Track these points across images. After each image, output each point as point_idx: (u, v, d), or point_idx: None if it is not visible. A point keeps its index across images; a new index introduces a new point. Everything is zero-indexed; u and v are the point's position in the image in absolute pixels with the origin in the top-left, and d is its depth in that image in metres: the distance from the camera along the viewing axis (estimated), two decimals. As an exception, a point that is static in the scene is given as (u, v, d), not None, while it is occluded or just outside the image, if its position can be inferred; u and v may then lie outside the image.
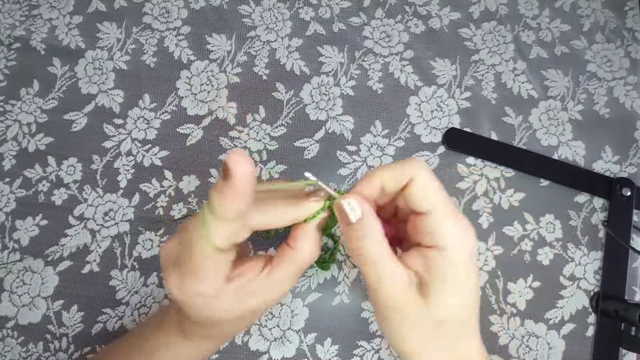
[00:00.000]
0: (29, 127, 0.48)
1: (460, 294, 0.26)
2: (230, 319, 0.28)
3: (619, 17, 0.53)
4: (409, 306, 0.26)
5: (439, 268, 0.26)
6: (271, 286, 0.28)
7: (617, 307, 0.42)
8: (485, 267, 0.45)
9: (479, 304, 0.28)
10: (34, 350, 0.43)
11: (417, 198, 0.26)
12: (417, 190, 0.26)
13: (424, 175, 0.26)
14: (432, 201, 0.26)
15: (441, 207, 0.26)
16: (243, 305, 0.27)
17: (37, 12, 0.51)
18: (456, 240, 0.26)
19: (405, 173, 0.26)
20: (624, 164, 0.48)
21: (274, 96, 0.49)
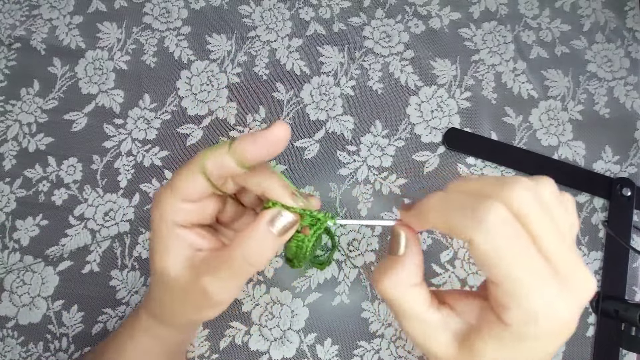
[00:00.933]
0: (29, 127, 0.48)
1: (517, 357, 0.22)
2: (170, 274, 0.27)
3: (619, 17, 0.53)
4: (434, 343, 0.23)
5: (493, 333, 0.21)
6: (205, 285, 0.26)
7: (617, 307, 0.42)
8: (486, 267, 0.45)
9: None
10: (34, 350, 0.43)
11: (478, 264, 0.21)
12: (477, 257, 0.20)
13: (487, 241, 0.20)
14: (496, 274, 0.20)
15: (512, 280, 0.20)
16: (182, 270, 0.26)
17: (37, 12, 0.51)
18: (529, 321, 0.20)
19: (461, 231, 0.20)
20: (624, 164, 0.48)
21: (274, 96, 0.49)
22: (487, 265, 0.20)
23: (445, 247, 0.45)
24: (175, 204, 0.26)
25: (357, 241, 0.45)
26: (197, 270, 0.26)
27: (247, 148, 0.24)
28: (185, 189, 0.26)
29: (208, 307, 0.27)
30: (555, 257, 0.20)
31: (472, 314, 0.23)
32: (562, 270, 0.20)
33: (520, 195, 0.20)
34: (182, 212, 0.26)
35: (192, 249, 0.27)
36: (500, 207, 0.20)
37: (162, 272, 0.27)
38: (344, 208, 0.46)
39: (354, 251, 0.45)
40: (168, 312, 0.30)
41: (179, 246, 0.27)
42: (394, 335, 0.43)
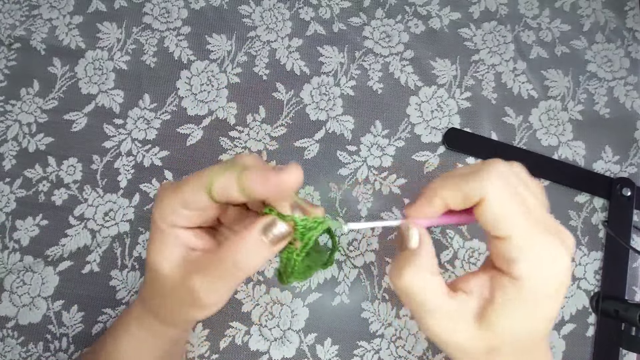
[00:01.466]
0: (29, 127, 0.48)
1: (524, 323, 0.24)
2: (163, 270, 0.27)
3: (619, 17, 0.53)
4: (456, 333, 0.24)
5: (506, 297, 0.23)
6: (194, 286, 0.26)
7: (617, 307, 0.42)
8: (486, 267, 0.45)
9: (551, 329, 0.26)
10: (34, 350, 0.43)
11: (490, 222, 0.23)
12: (489, 213, 0.23)
13: (499, 196, 0.23)
14: (508, 228, 0.23)
15: (520, 233, 0.23)
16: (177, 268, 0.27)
17: (37, 12, 0.51)
18: (537, 271, 0.23)
19: (473, 192, 0.23)
20: (624, 164, 0.48)
21: (274, 96, 0.49)
22: (498, 219, 0.23)
23: (445, 247, 0.45)
24: (176, 208, 0.26)
25: (357, 241, 0.45)
26: (188, 269, 0.27)
27: (256, 187, 0.24)
28: (189, 200, 0.26)
29: (196, 307, 0.27)
30: (543, 217, 0.24)
31: (485, 289, 0.24)
32: (552, 228, 0.24)
33: (506, 169, 0.24)
34: (183, 216, 0.27)
35: (186, 248, 0.27)
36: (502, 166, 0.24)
37: (155, 268, 0.27)
38: (344, 208, 0.46)
39: (354, 251, 0.45)
40: (159, 308, 0.30)
41: (174, 244, 0.27)
42: (394, 335, 0.43)
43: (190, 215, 0.27)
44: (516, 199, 0.23)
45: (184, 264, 0.27)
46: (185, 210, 0.26)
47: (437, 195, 0.24)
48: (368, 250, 0.45)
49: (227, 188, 0.25)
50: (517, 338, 0.24)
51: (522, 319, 0.23)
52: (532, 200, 0.24)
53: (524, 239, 0.23)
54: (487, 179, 0.23)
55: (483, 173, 0.23)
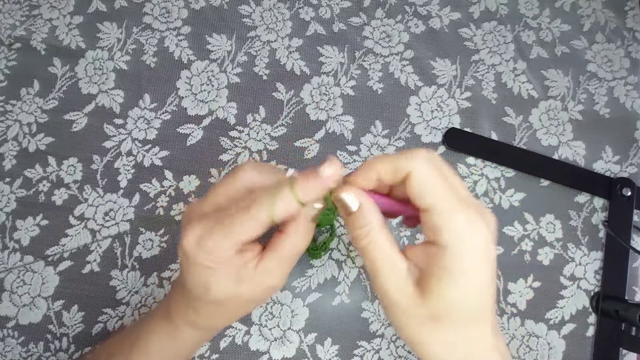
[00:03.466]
0: (30, 127, 0.48)
1: (462, 291, 0.25)
2: (219, 299, 0.28)
3: (619, 17, 0.53)
4: (404, 298, 0.26)
5: (437, 265, 0.25)
6: (261, 274, 0.28)
7: (617, 307, 0.42)
8: (486, 267, 0.45)
9: (493, 299, 0.27)
10: (34, 350, 0.43)
11: (416, 194, 0.25)
12: (415, 185, 0.25)
13: (424, 170, 0.25)
14: (432, 197, 0.25)
15: (442, 203, 0.25)
16: (235, 289, 0.27)
17: (37, 12, 0.51)
18: (460, 238, 0.25)
19: (402, 166, 0.26)
20: (624, 164, 0.48)
21: (274, 96, 0.49)
22: (424, 190, 0.25)
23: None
24: (229, 247, 0.26)
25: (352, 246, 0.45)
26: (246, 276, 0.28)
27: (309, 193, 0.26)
28: (248, 233, 0.26)
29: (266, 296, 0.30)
30: (466, 195, 0.27)
31: (421, 259, 0.26)
32: (473, 204, 0.26)
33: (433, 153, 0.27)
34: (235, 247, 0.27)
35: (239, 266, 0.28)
36: (427, 151, 0.26)
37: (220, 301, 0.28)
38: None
39: (354, 251, 0.45)
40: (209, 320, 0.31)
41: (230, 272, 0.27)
42: (394, 335, 0.43)
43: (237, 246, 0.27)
44: (440, 175, 0.26)
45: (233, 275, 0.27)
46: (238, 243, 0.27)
47: (372, 168, 0.27)
48: (368, 250, 0.45)
49: (288, 208, 0.26)
50: (455, 307, 0.25)
51: (455, 286, 0.25)
52: (456, 180, 0.27)
53: (447, 210, 0.25)
54: (415, 155, 0.26)
55: (412, 152, 0.26)
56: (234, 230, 0.26)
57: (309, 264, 0.44)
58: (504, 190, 0.47)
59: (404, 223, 0.32)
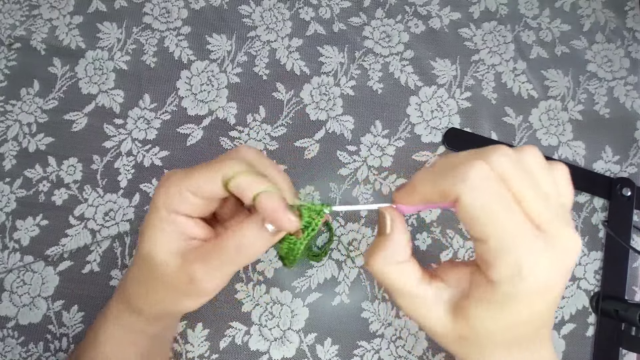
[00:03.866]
0: (30, 127, 0.48)
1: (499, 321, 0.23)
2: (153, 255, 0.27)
3: (619, 17, 0.53)
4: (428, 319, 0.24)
5: (481, 295, 0.23)
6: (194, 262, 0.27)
7: (617, 307, 0.42)
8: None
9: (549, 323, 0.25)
10: (34, 350, 0.43)
11: (466, 223, 0.22)
12: (463, 214, 0.21)
13: (475, 198, 0.21)
14: (484, 230, 0.21)
15: (497, 236, 0.21)
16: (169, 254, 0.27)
17: (37, 12, 0.51)
18: (511, 276, 0.21)
19: (448, 190, 0.21)
20: (624, 164, 0.48)
21: (274, 96, 0.49)
22: (473, 222, 0.21)
23: (445, 247, 0.45)
24: (184, 194, 0.26)
25: (357, 241, 0.45)
26: (188, 258, 0.27)
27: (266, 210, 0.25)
28: (202, 188, 0.26)
29: (193, 295, 0.28)
30: (540, 218, 0.21)
31: (463, 281, 0.24)
32: (547, 230, 0.21)
33: (501, 158, 0.21)
34: (189, 204, 0.27)
35: (186, 237, 0.27)
36: (483, 164, 0.21)
37: (152, 257, 0.27)
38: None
39: (354, 251, 0.45)
40: (146, 300, 0.30)
41: (173, 232, 0.27)
42: (394, 335, 0.43)
43: (196, 204, 0.27)
44: (497, 198, 0.21)
45: (184, 252, 0.27)
46: (193, 197, 0.26)
47: (416, 191, 0.24)
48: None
49: (245, 190, 0.25)
50: (491, 332, 0.23)
51: (497, 317, 0.23)
52: (529, 196, 0.21)
53: (502, 241, 0.21)
54: (462, 179, 0.21)
55: (459, 171, 0.21)
56: (192, 178, 0.26)
57: (309, 264, 0.45)
58: (504, 190, 0.47)
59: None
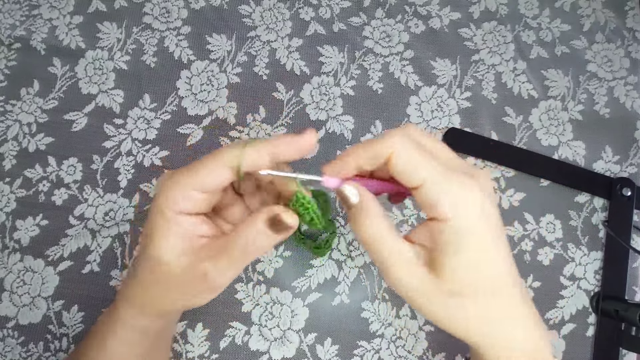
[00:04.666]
0: (29, 127, 0.48)
1: (471, 261, 0.25)
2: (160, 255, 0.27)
3: (619, 17, 0.53)
4: (418, 281, 0.25)
5: (441, 241, 0.25)
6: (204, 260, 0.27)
7: (617, 307, 0.42)
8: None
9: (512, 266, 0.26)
10: (34, 350, 0.43)
11: (402, 174, 0.25)
12: (399, 166, 0.25)
13: (403, 149, 0.25)
14: (418, 174, 0.25)
15: (430, 177, 0.24)
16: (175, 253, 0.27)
17: (37, 12, 0.51)
18: (458, 208, 0.24)
19: (380, 151, 0.25)
20: (624, 164, 0.48)
21: (274, 96, 0.49)
22: (409, 170, 0.25)
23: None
24: (187, 192, 0.26)
25: (357, 241, 0.45)
26: (198, 256, 0.27)
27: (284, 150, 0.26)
28: (208, 180, 0.26)
29: (205, 291, 0.28)
30: (454, 163, 0.26)
31: (426, 238, 0.26)
32: (466, 171, 0.25)
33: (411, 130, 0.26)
34: (192, 200, 0.27)
35: (193, 236, 0.28)
36: (402, 131, 0.26)
37: (159, 258, 0.27)
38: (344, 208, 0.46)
39: (354, 251, 0.45)
40: (154, 300, 0.30)
41: (179, 232, 0.27)
42: (394, 335, 0.43)
43: (200, 199, 0.27)
44: (420, 148, 0.25)
45: (193, 251, 0.27)
46: (197, 193, 0.27)
47: (350, 155, 0.26)
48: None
49: (257, 159, 0.26)
50: (469, 278, 0.25)
51: (462, 257, 0.25)
52: (438, 148, 0.26)
53: (437, 182, 0.24)
54: (392, 136, 0.25)
55: (389, 134, 0.25)
56: (196, 173, 0.26)
57: (309, 264, 0.45)
58: (504, 190, 0.47)
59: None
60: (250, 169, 0.26)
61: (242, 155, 0.26)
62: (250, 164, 0.26)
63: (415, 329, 0.44)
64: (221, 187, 0.27)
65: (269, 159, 0.26)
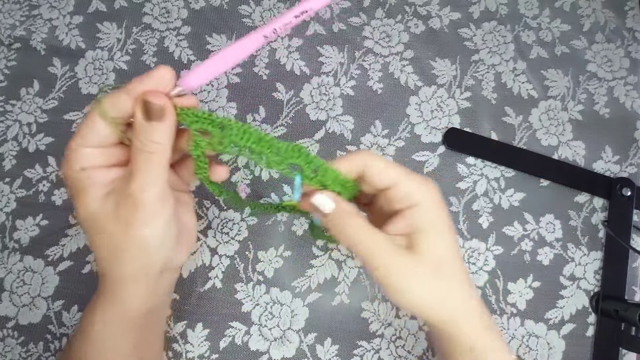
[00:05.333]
0: (29, 127, 0.48)
1: (443, 237, 0.30)
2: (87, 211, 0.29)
3: (619, 17, 0.53)
4: (404, 263, 0.29)
5: (420, 220, 0.30)
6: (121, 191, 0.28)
7: (617, 307, 0.42)
8: (486, 267, 0.45)
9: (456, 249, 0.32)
10: (34, 350, 0.43)
11: (379, 178, 0.31)
12: (376, 173, 0.31)
13: (376, 160, 0.31)
14: (393, 175, 0.31)
15: (401, 176, 0.31)
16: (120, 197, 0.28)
17: (37, 12, 0.51)
18: (425, 195, 0.31)
19: (357, 163, 0.31)
20: (624, 164, 0.48)
21: (274, 96, 0.49)
22: (384, 175, 0.31)
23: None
24: (79, 152, 0.28)
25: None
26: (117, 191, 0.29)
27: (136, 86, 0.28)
28: (90, 136, 0.28)
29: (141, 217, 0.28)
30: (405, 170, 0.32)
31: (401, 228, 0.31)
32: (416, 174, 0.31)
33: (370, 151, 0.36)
34: (88, 156, 0.28)
35: (106, 184, 0.29)
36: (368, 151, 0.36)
37: (86, 214, 0.29)
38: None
39: (354, 251, 0.45)
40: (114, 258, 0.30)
41: (92, 185, 0.29)
42: (394, 335, 0.43)
43: (95, 155, 0.29)
44: (387, 161, 0.31)
45: (111, 193, 0.29)
46: (88, 149, 0.28)
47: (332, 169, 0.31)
48: (368, 250, 0.45)
49: (117, 102, 0.28)
50: (445, 253, 0.30)
51: (439, 236, 0.30)
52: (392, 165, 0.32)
53: (406, 179, 0.31)
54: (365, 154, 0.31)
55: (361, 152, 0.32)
56: (79, 133, 0.28)
57: (309, 264, 0.45)
58: (504, 190, 0.47)
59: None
60: (118, 114, 0.28)
61: (103, 103, 0.28)
62: (114, 109, 0.28)
63: (415, 329, 0.44)
64: (105, 137, 0.28)
65: (129, 100, 0.28)
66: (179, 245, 0.32)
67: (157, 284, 0.33)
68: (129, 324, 0.32)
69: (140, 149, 0.27)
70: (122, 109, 0.28)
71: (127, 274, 0.30)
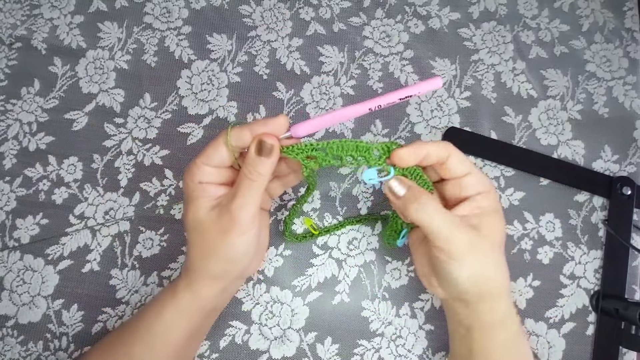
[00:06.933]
0: (30, 126, 0.48)
1: (502, 222, 0.36)
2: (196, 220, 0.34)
3: (618, 17, 0.53)
4: (469, 237, 0.33)
5: (487, 205, 0.35)
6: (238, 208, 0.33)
7: (617, 305, 0.42)
8: (486, 266, 0.45)
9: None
10: (33, 349, 0.43)
11: (461, 167, 0.35)
12: (457, 161, 0.35)
13: (457, 151, 0.35)
14: (468, 166, 0.36)
15: (473, 168, 0.36)
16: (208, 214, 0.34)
17: (38, 11, 0.51)
18: (490, 185, 0.36)
19: (445, 151, 0.35)
20: (623, 164, 0.48)
21: (275, 95, 0.49)
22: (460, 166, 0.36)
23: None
24: (201, 167, 0.34)
25: (357, 240, 0.45)
26: (222, 205, 0.34)
27: (259, 127, 0.34)
28: (212, 157, 0.34)
29: (236, 228, 0.33)
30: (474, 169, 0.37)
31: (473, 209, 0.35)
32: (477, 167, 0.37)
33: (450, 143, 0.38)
34: (207, 173, 0.34)
35: (215, 198, 0.34)
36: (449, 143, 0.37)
37: (194, 218, 0.34)
38: (344, 207, 0.46)
39: (354, 250, 0.45)
40: (203, 261, 0.35)
41: (204, 197, 0.34)
42: (394, 334, 0.43)
43: (212, 173, 0.34)
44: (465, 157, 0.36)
45: (217, 206, 0.34)
46: (209, 167, 0.34)
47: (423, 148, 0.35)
48: (368, 249, 0.45)
49: (240, 135, 0.33)
50: (500, 235, 0.36)
51: (497, 220, 0.35)
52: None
53: (477, 171, 0.36)
54: (450, 145, 0.36)
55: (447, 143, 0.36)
56: (203, 152, 0.34)
57: (309, 263, 0.45)
58: (504, 189, 0.47)
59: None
60: (237, 143, 0.34)
61: (229, 134, 0.34)
62: (236, 140, 0.34)
63: (415, 327, 0.44)
64: (223, 160, 0.34)
65: (249, 136, 0.34)
66: (255, 257, 0.37)
67: (229, 287, 0.38)
68: (196, 312, 0.36)
69: (246, 176, 0.33)
70: (242, 141, 0.34)
71: (212, 271, 0.35)
